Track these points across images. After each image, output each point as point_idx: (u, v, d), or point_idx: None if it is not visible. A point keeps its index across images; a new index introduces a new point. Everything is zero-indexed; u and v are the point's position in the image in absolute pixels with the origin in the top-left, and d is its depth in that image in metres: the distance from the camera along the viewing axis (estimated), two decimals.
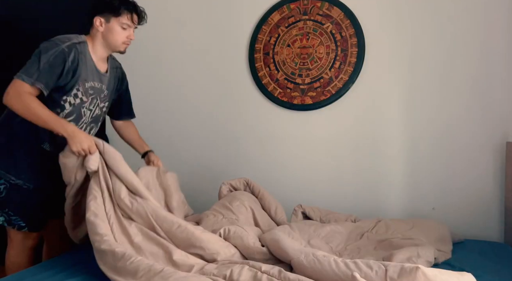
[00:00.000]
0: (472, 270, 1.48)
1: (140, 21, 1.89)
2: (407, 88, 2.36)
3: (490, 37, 2.22)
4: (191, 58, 2.75)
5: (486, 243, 2.03)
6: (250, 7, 2.62)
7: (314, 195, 2.49)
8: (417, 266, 1.02)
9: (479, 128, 2.24)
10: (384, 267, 1.08)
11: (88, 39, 1.83)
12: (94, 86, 1.85)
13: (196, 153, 2.75)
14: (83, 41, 1.79)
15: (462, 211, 2.25)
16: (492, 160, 2.22)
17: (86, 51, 1.80)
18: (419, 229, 1.94)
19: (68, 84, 1.75)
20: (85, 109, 1.85)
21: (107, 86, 1.93)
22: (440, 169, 2.30)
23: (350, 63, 2.42)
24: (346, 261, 1.16)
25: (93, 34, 1.84)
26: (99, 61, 1.88)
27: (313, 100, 2.49)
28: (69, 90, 1.76)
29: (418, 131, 2.34)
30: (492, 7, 2.21)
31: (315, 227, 1.90)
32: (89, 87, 1.83)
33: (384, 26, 2.39)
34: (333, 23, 2.46)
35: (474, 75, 2.25)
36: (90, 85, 1.84)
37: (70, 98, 1.77)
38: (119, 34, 1.82)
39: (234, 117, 2.68)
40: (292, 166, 2.56)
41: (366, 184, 2.43)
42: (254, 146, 2.64)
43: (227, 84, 2.69)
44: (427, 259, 1.53)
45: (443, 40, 2.29)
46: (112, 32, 1.81)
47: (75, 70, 1.74)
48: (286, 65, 2.55)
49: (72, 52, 1.72)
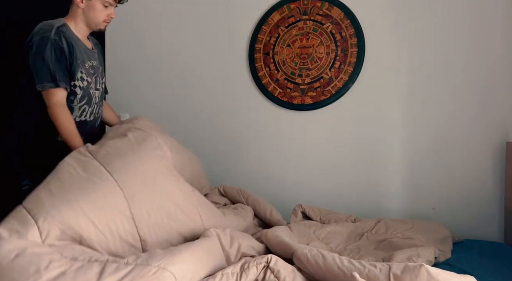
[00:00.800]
0: (472, 270, 1.50)
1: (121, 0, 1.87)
2: (407, 88, 2.36)
3: (490, 37, 2.23)
4: (191, 58, 2.75)
5: (486, 243, 2.03)
6: (250, 7, 2.62)
7: (314, 195, 2.49)
8: (421, 264, 1.02)
9: (479, 128, 2.24)
10: (388, 265, 1.08)
11: (68, 19, 1.81)
12: (92, 65, 1.87)
13: (196, 152, 2.73)
14: (64, 24, 1.78)
15: (462, 211, 2.26)
16: (492, 160, 2.22)
17: (71, 32, 1.79)
18: (419, 229, 1.95)
19: (72, 69, 1.76)
20: (93, 89, 1.87)
21: (99, 62, 1.95)
22: (440, 169, 2.30)
23: (350, 63, 2.43)
24: (349, 259, 1.16)
25: (74, 12, 1.82)
26: (85, 39, 1.88)
27: (313, 100, 2.50)
28: (75, 74, 1.77)
29: (418, 131, 2.34)
30: (492, 7, 2.22)
31: (315, 228, 1.90)
32: (89, 67, 1.84)
33: (384, 26, 2.39)
34: (333, 23, 2.46)
35: (474, 75, 2.25)
36: (89, 65, 1.85)
37: (79, 82, 1.79)
38: (100, 12, 1.81)
39: (234, 117, 2.68)
40: (292, 166, 2.56)
41: (366, 184, 2.43)
42: (254, 146, 2.64)
43: (227, 84, 2.69)
44: (427, 258, 1.53)
45: (443, 40, 2.29)
46: (94, 9, 1.79)
47: (72, 53, 1.75)
48: (286, 65, 2.55)
49: (62, 38, 1.72)
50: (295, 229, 1.82)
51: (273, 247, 1.46)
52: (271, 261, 1.17)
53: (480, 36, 2.24)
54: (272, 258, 1.18)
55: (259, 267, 1.16)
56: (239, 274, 1.14)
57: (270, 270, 1.16)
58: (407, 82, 2.36)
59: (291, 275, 1.16)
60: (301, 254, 1.26)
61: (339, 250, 1.76)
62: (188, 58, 2.76)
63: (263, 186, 2.58)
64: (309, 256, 1.23)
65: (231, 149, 2.68)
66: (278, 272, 1.15)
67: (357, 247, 1.79)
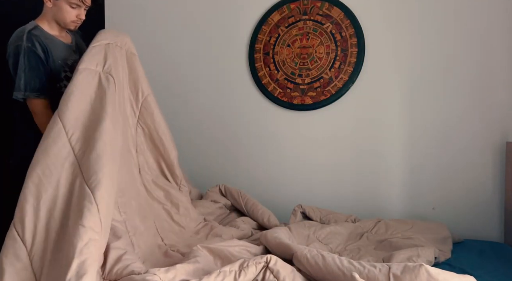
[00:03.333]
0: (472, 270, 1.50)
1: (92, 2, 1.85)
2: (407, 88, 2.36)
3: (490, 37, 2.23)
4: (191, 58, 2.75)
5: (486, 243, 2.03)
6: (250, 7, 2.62)
7: (314, 195, 2.49)
8: (421, 264, 1.02)
9: (479, 128, 2.24)
10: (388, 265, 1.08)
11: (41, 19, 1.83)
12: (76, 60, 1.84)
13: (196, 152, 2.75)
14: (35, 26, 1.79)
15: (462, 211, 2.26)
16: (492, 160, 2.22)
17: (44, 32, 1.79)
18: (419, 229, 1.95)
19: (54, 71, 1.76)
20: None
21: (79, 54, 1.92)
22: (440, 169, 2.30)
23: (350, 63, 2.42)
24: (349, 259, 1.16)
25: (45, 11, 1.83)
26: (62, 35, 1.87)
27: (313, 100, 2.49)
28: (59, 75, 1.77)
29: (418, 131, 2.34)
30: (492, 7, 2.22)
31: (315, 229, 1.90)
32: (73, 63, 1.83)
33: (384, 26, 2.39)
34: (333, 23, 2.46)
35: (474, 75, 2.25)
36: (73, 60, 1.84)
37: (65, 82, 1.78)
38: (67, 13, 1.80)
39: (234, 117, 2.68)
40: (292, 166, 2.56)
41: (366, 184, 2.42)
42: (254, 146, 2.64)
43: (227, 84, 2.69)
44: (427, 258, 1.53)
45: (443, 40, 2.29)
46: (61, 9, 1.79)
47: (49, 56, 1.74)
48: (286, 65, 2.55)
49: (35, 42, 1.72)
50: (295, 230, 1.82)
51: (272, 249, 1.45)
52: (270, 261, 1.17)
53: (480, 36, 2.24)
54: (271, 258, 1.18)
55: (258, 267, 1.16)
56: (237, 272, 1.13)
57: (269, 270, 1.16)
58: (407, 82, 2.36)
59: (291, 276, 1.16)
60: (301, 255, 1.26)
61: (339, 250, 1.76)
62: (188, 58, 2.76)
63: (263, 186, 2.58)
64: (309, 256, 1.23)
65: (231, 148, 2.68)
66: (278, 272, 1.15)
67: (357, 247, 1.79)
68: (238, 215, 2.19)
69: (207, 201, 2.18)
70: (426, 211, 2.32)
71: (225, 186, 2.28)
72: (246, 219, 2.08)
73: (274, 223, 2.03)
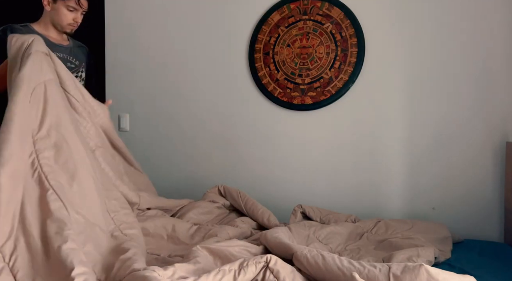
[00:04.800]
0: (472, 270, 1.49)
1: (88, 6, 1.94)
2: (407, 88, 2.36)
3: (490, 37, 2.23)
4: (191, 58, 2.75)
5: (486, 243, 2.03)
6: (250, 7, 2.62)
7: (314, 195, 2.49)
8: (421, 264, 1.02)
9: (479, 128, 2.24)
10: (388, 265, 1.08)
11: (39, 21, 1.92)
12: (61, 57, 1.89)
13: (196, 152, 2.75)
14: (25, 25, 1.87)
15: (462, 211, 2.26)
16: (492, 160, 2.22)
17: (32, 30, 1.85)
18: (419, 229, 1.94)
19: None
20: None
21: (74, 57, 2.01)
22: (440, 169, 2.30)
23: (350, 63, 2.43)
24: (349, 259, 1.16)
25: (44, 14, 1.92)
26: (58, 38, 1.95)
27: (313, 100, 2.50)
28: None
29: (418, 131, 2.34)
30: (492, 7, 2.22)
31: (315, 229, 1.90)
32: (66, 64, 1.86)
33: (384, 26, 2.39)
34: (333, 23, 2.46)
35: (474, 75, 2.25)
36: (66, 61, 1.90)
37: None
38: (65, 16, 1.88)
39: (233, 117, 2.68)
40: (292, 166, 2.56)
41: (366, 184, 2.43)
42: (254, 146, 2.64)
43: (227, 84, 2.69)
44: (427, 258, 1.53)
45: (443, 40, 2.29)
46: (58, 13, 1.87)
47: None
48: (286, 65, 2.55)
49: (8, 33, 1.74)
50: (295, 230, 1.82)
51: (272, 249, 1.45)
52: (270, 261, 1.17)
53: (480, 36, 2.24)
54: (271, 258, 1.18)
55: (258, 266, 1.15)
56: (237, 271, 1.13)
57: (269, 270, 1.15)
58: (407, 82, 2.36)
59: (291, 276, 1.16)
60: (301, 255, 1.26)
61: (339, 250, 1.76)
62: (188, 58, 2.76)
63: (262, 186, 2.58)
64: (309, 256, 1.22)
65: (231, 148, 2.68)
66: (278, 272, 1.14)
67: (357, 247, 1.79)
68: (238, 216, 2.19)
69: (204, 201, 2.18)
70: (426, 211, 2.32)
71: (224, 186, 2.28)
72: (245, 219, 2.07)
73: (274, 223, 2.03)
